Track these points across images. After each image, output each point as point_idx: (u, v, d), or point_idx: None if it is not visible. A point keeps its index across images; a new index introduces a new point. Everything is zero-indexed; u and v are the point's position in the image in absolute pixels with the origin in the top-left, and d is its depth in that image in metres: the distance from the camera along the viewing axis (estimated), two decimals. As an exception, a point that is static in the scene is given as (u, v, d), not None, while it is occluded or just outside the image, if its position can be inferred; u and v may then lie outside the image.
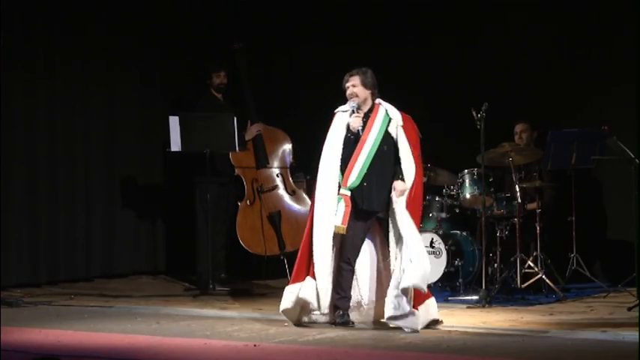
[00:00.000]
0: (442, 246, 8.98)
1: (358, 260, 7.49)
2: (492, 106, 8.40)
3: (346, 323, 7.39)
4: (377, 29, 10.73)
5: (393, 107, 7.57)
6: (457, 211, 9.33)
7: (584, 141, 8.89)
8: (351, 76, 7.60)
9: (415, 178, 7.43)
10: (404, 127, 7.50)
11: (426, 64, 10.43)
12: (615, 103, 9.51)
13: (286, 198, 10.35)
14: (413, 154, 7.46)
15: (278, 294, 9.33)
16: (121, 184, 10.80)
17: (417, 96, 10.39)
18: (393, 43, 10.63)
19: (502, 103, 9.24)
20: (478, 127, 8.37)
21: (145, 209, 10.97)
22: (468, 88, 9.71)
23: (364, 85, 7.55)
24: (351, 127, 7.47)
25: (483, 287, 8.45)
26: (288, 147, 10.41)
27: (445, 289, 9.01)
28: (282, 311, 7.54)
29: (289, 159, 10.39)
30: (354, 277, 7.49)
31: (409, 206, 7.36)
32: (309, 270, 7.42)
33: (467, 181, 9.07)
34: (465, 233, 9.27)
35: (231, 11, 11.24)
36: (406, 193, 7.37)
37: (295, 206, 10.34)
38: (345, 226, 7.31)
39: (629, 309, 7.90)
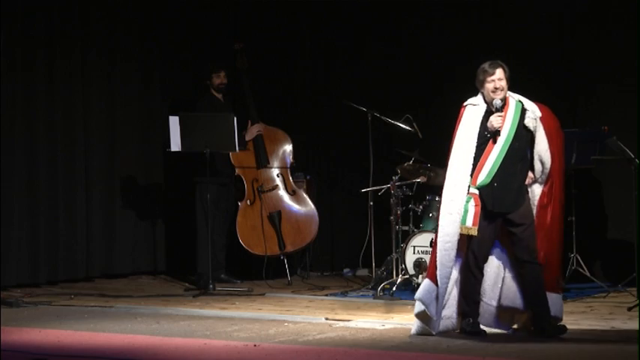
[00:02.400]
0: (442, 246, 8.96)
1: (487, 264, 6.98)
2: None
3: (477, 333, 6.91)
4: (377, 29, 10.74)
5: (525, 98, 7.00)
6: (457, 211, 9.30)
7: (584, 141, 8.88)
8: (495, 68, 6.92)
9: (555, 180, 6.92)
10: (542, 118, 6.95)
11: (427, 64, 10.44)
12: (615, 103, 9.51)
13: (286, 198, 10.36)
14: (553, 148, 6.92)
15: (278, 294, 9.38)
16: (121, 184, 10.81)
17: (417, 96, 10.41)
18: (393, 43, 10.65)
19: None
20: (478, 126, 8.34)
21: (145, 209, 10.97)
22: (468, 88, 9.69)
23: (507, 79, 6.93)
24: (490, 127, 6.87)
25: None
26: (288, 147, 10.42)
27: (445, 289, 8.99)
28: (416, 315, 7.03)
29: (289, 159, 10.40)
30: (483, 281, 6.97)
31: (544, 209, 6.91)
32: (431, 272, 6.94)
33: (467, 181, 9.05)
34: (465, 233, 9.24)
35: (231, 11, 11.25)
36: (540, 190, 6.92)
37: (295, 206, 10.34)
38: (477, 227, 6.81)
39: (629, 309, 7.90)
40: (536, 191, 6.97)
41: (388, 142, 9.85)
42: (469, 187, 6.88)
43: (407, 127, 9.49)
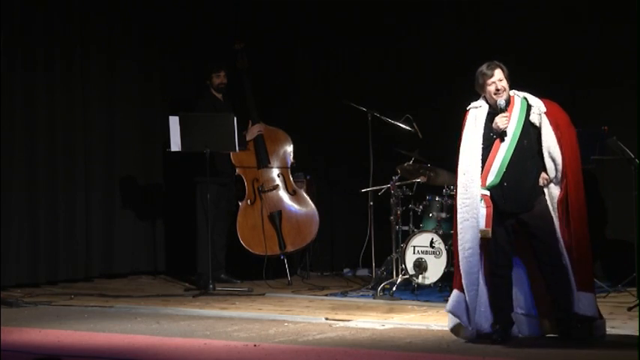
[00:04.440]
0: (442, 246, 8.98)
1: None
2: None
3: (504, 340, 6.69)
4: (377, 28, 10.73)
5: (530, 95, 6.87)
6: (457, 211, 9.32)
7: (584, 141, 8.85)
8: (494, 69, 6.80)
9: (567, 174, 6.74)
10: (548, 112, 6.79)
11: (427, 63, 10.44)
12: (615, 102, 9.51)
13: (287, 198, 10.36)
14: (563, 142, 6.75)
15: (278, 294, 9.38)
16: (121, 184, 10.81)
17: (417, 96, 10.41)
18: (393, 42, 10.64)
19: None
20: (478, 126, 8.34)
21: (145, 209, 10.97)
22: (468, 88, 9.69)
23: (507, 78, 6.81)
24: (495, 127, 6.72)
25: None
26: (289, 147, 10.42)
27: (445, 289, 8.99)
28: (451, 329, 6.90)
29: (290, 159, 10.40)
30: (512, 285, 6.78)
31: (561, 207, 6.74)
32: (457, 281, 6.76)
33: (467, 181, 9.05)
34: (465, 233, 9.25)
35: (232, 11, 11.24)
36: (558, 190, 6.75)
37: (296, 206, 10.34)
38: (490, 229, 6.61)
39: (629, 309, 7.89)
40: (554, 193, 6.80)
41: (388, 142, 9.84)
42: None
43: (407, 127, 9.49)
